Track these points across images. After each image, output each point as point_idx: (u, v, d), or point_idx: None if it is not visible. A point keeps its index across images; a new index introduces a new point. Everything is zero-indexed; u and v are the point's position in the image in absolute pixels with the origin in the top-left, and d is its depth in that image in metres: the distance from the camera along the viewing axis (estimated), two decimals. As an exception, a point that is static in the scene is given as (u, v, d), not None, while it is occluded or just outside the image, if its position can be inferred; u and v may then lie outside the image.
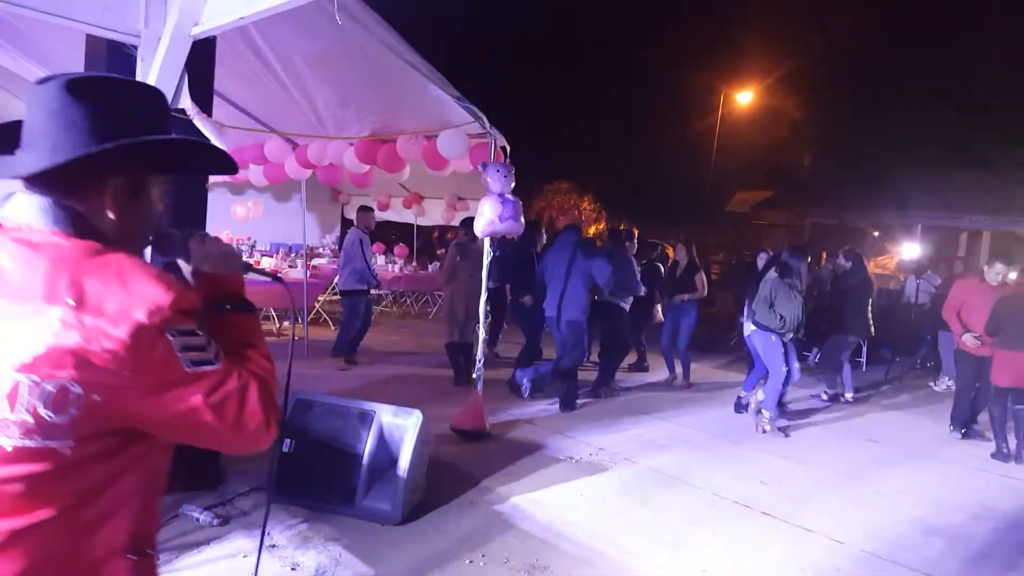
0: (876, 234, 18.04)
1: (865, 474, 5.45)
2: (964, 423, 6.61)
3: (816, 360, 9.53)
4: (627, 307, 7.39)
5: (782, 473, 5.32)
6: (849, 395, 7.84)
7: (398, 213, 12.74)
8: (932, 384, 9.07)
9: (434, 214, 12.23)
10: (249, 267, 1.43)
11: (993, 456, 5.99)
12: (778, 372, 6.33)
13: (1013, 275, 6.70)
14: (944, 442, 6.51)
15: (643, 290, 7.50)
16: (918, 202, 14.74)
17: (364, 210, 8.61)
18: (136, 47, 3.64)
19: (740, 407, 7.01)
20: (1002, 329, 5.92)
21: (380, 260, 14.57)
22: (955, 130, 17.91)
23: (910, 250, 14.04)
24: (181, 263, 1.35)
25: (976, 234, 16.33)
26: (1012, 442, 5.97)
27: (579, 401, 6.88)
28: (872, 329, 7.90)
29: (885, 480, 5.32)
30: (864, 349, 9.95)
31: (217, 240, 1.37)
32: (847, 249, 8.28)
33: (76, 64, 4.07)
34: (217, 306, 1.31)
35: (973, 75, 20.00)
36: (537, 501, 4.41)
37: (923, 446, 6.34)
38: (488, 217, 5.38)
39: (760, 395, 6.54)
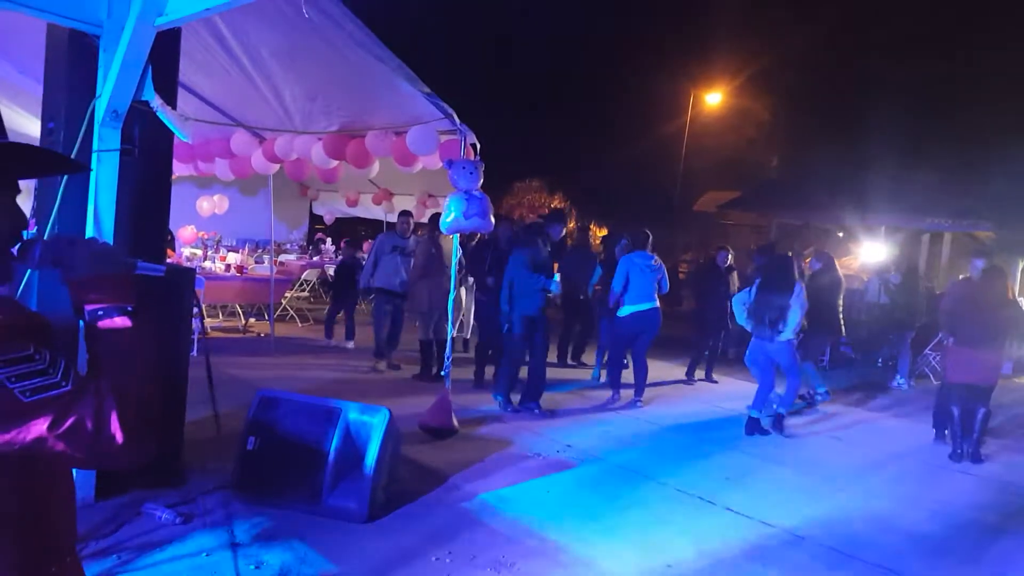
0: (840, 235, 18.37)
1: (827, 471, 5.55)
2: (943, 425, 6.45)
3: None
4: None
5: (746, 469, 5.40)
6: (822, 391, 7.65)
7: (367, 210, 12.67)
8: (889, 383, 9.24)
9: (404, 211, 12.17)
10: (133, 265, 1.29)
11: (951, 457, 5.97)
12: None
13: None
14: (904, 439, 6.65)
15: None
16: (881, 204, 15.03)
17: (402, 215, 8.42)
18: (99, 37, 3.57)
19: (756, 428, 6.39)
20: (957, 327, 6.01)
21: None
22: (919, 132, 18.31)
23: (872, 251, 14.32)
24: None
25: (938, 236, 16.71)
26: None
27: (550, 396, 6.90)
28: (843, 328, 8.00)
29: (846, 477, 5.43)
30: (828, 348, 10.14)
31: (89, 241, 1.26)
32: (818, 249, 8.38)
33: (37, 55, 3.98)
34: (91, 312, 1.21)
35: (936, 78, 20.47)
36: (504, 498, 4.43)
37: (884, 444, 6.48)
38: (454, 214, 5.38)
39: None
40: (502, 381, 6.60)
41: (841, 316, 7.84)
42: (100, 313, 1.20)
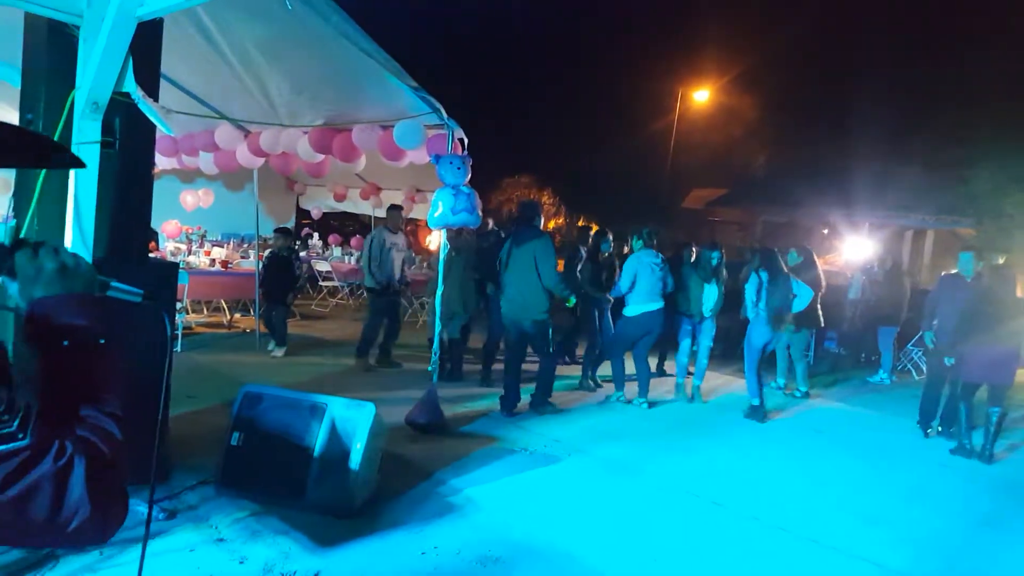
0: (825, 231, 18.51)
1: (810, 464, 5.59)
2: (928, 420, 6.57)
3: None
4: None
5: (731, 463, 5.42)
6: (804, 388, 7.85)
7: (355, 204, 12.59)
8: (868, 378, 9.30)
9: (392, 206, 12.12)
10: (106, 285, 1.08)
11: (953, 452, 5.97)
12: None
13: (983, 264, 6.59)
14: (888, 434, 6.70)
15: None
16: (866, 201, 15.17)
17: (392, 209, 8.26)
18: (79, 28, 3.52)
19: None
20: (966, 324, 5.92)
21: (337, 252, 14.42)
22: (902, 131, 18.45)
23: (856, 247, 14.43)
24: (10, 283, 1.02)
25: (921, 232, 16.89)
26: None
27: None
28: (821, 321, 8.08)
29: (829, 470, 5.47)
30: (812, 343, 10.20)
31: (56, 251, 1.02)
32: (799, 244, 8.43)
33: (14, 46, 3.91)
34: (50, 342, 0.96)
35: (919, 77, 20.63)
36: (490, 493, 4.42)
37: (868, 439, 6.52)
38: (442, 209, 5.36)
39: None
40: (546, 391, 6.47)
41: (820, 311, 7.89)
42: (65, 344, 0.96)
